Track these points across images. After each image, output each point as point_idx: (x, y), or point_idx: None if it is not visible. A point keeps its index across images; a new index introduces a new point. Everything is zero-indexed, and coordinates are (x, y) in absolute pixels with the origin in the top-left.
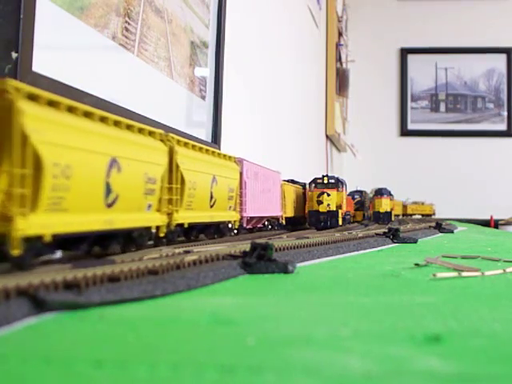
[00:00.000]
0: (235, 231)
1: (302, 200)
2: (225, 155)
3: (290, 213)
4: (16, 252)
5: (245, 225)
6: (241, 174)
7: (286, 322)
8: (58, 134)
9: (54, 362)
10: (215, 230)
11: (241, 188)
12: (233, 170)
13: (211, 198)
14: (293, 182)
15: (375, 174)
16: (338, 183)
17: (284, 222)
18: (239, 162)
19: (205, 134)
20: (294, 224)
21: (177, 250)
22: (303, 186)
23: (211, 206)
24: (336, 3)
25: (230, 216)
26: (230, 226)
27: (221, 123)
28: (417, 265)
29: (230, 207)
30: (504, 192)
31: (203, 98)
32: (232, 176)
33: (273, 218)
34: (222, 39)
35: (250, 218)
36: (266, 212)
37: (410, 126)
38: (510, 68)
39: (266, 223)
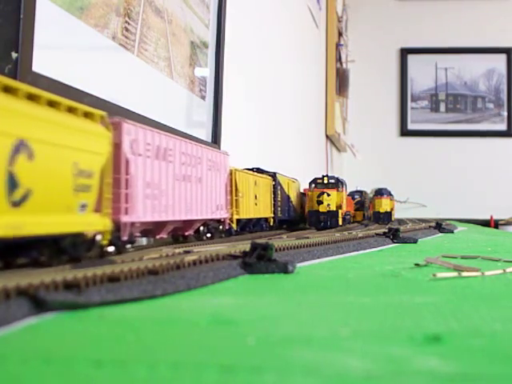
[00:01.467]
0: (111, 248)
1: (271, 195)
2: (73, 107)
3: (247, 213)
4: None
5: (125, 236)
6: (117, 145)
7: (286, 322)
8: None
9: (54, 362)
10: (52, 252)
11: (117, 172)
12: (92, 137)
13: (13, 186)
14: (259, 170)
15: (375, 174)
16: (338, 183)
17: (235, 225)
18: (114, 124)
19: (205, 134)
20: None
21: (177, 250)
22: (273, 175)
23: (16, 204)
24: (336, 3)
25: (85, 223)
26: (98, 238)
27: (221, 123)
28: (417, 265)
29: (84, 206)
30: (504, 192)
31: (203, 98)
32: (88, 147)
33: (214, 221)
34: (221, 39)
35: (144, 224)
36: (191, 213)
37: (410, 126)
38: (510, 68)
39: (202, 229)
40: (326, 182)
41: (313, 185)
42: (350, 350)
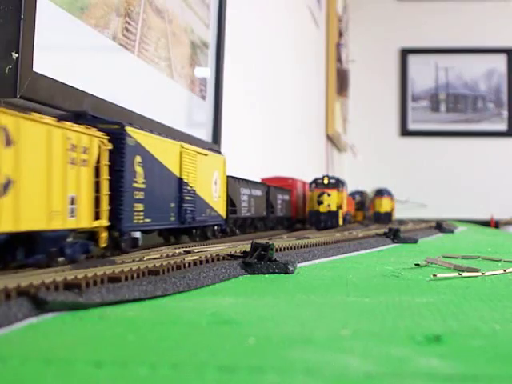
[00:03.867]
0: None
1: (93, 179)
2: None
3: (27, 223)
4: None
5: None
6: None
7: (287, 322)
8: None
9: (54, 362)
10: None
11: None
12: None
13: None
14: (83, 118)
15: (375, 174)
16: (338, 183)
17: None
18: None
19: (205, 134)
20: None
21: (177, 251)
22: (119, 130)
23: None
24: (336, 3)
25: None
26: None
27: (221, 123)
28: (417, 265)
29: None
30: (504, 192)
31: (203, 97)
32: None
33: None
34: (222, 39)
35: None
36: None
37: (411, 126)
38: (510, 68)
39: None
40: (326, 182)
41: (313, 185)
42: (350, 350)
